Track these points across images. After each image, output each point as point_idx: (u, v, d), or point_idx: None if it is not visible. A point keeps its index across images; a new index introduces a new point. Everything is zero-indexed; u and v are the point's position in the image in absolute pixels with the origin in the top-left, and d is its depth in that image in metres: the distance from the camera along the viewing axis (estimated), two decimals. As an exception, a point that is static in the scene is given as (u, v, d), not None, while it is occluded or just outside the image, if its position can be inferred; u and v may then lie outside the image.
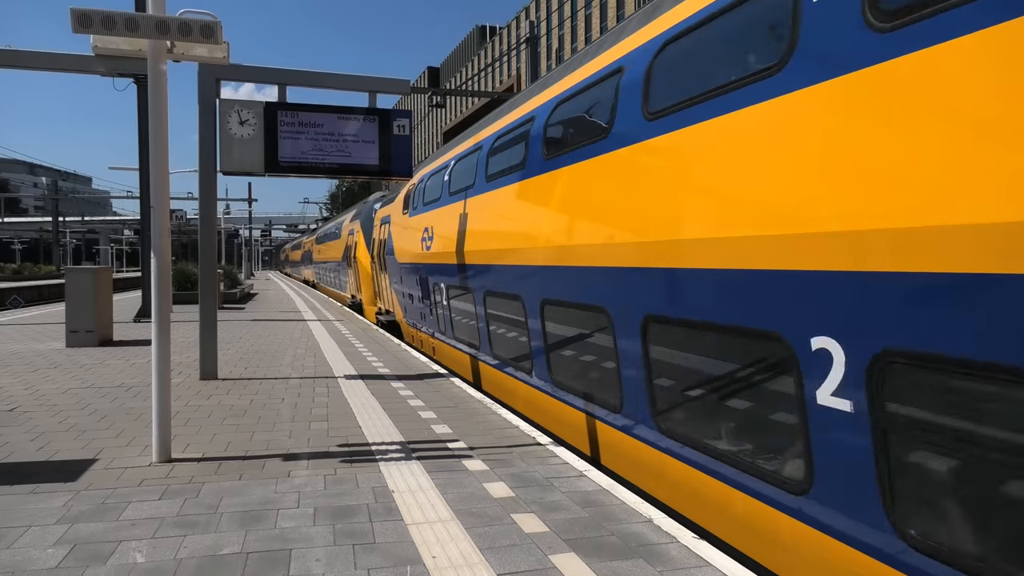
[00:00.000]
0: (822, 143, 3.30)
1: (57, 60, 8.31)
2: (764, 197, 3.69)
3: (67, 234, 77.20)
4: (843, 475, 3.21)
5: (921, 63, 2.78)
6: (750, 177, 3.81)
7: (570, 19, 65.84)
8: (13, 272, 51.21)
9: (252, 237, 68.69)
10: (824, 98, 3.29)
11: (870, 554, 3.08)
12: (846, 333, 3.11)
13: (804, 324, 3.36)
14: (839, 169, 3.18)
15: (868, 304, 2.99)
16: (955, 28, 2.64)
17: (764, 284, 3.63)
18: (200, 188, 9.13)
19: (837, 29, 3.23)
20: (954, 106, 2.66)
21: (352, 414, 6.99)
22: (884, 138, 2.95)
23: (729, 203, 3.96)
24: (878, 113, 2.98)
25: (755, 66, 3.80)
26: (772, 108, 3.60)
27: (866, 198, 3.01)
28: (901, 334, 2.85)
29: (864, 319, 3.01)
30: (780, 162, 3.56)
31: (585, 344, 6.03)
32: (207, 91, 8.79)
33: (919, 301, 2.77)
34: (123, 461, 5.30)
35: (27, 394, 7.79)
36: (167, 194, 5.50)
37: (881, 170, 2.95)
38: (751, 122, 3.77)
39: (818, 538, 3.38)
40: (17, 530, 3.92)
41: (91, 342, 12.18)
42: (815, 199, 3.31)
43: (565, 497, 4.57)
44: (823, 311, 3.24)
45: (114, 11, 4.90)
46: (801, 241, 3.39)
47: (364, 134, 8.94)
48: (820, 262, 3.26)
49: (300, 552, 3.68)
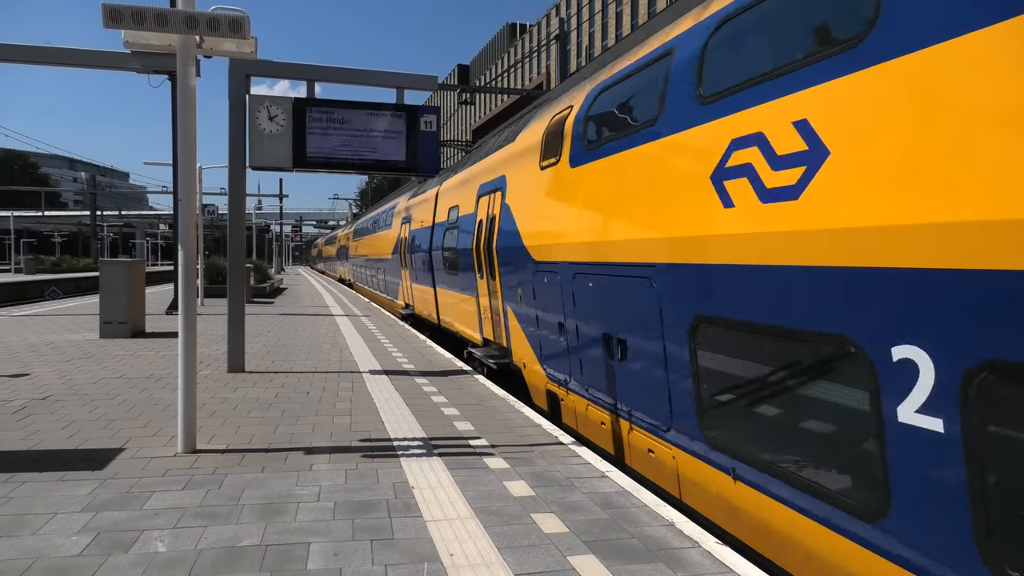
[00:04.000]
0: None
1: (96, 57, 8.46)
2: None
3: (104, 228, 78.98)
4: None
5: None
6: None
7: (600, 15, 65.45)
8: (52, 265, 52.48)
9: (283, 232, 69.57)
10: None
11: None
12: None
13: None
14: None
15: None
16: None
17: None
18: (230, 182, 9.23)
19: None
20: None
21: (375, 409, 7.00)
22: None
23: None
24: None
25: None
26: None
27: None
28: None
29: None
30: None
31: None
32: (237, 87, 8.88)
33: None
34: (149, 451, 5.37)
35: (60, 383, 7.96)
36: (195, 187, 5.56)
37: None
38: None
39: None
40: (43, 517, 3.98)
41: (124, 333, 12.42)
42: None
43: (586, 498, 4.52)
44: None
45: (144, 6, 4.96)
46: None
47: (391, 130, 8.97)
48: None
49: (318, 546, 3.68)
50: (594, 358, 6.23)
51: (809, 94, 3.51)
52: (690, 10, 5.14)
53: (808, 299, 3.44)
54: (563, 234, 6.77)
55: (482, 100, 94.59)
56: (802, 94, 3.56)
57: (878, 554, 3.10)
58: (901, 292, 2.91)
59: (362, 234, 31.05)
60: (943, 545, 2.77)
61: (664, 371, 4.91)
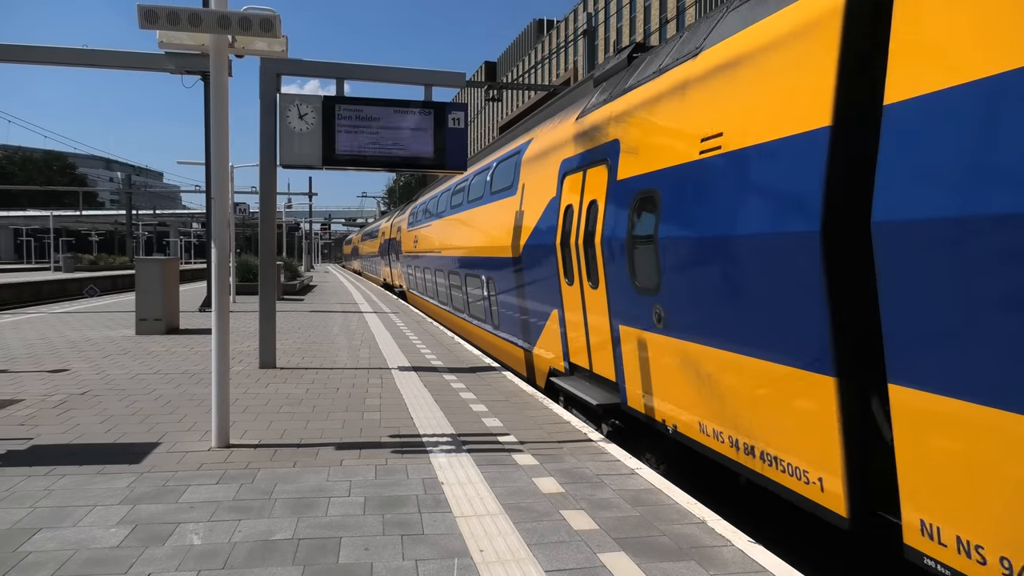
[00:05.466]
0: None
1: (132, 59, 8.64)
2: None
3: (140, 227, 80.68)
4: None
5: None
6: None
7: (628, 9, 64.97)
8: (90, 263, 53.75)
9: (312, 230, 70.38)
10: None
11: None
12: None
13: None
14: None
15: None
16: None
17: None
18: (260, 181, 9.34)
19: None
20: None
21: (404, 405, 7.04)
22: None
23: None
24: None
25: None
26: None
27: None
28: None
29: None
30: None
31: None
32: (268, 86, 8.98)
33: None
34: (184, 445, 5.47)
35: (98, 379, 8.14)
36: (228, 185, 5.64)
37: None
38: None
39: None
40: (83, 509, 4.07)
41: (159, 330, 12.67)
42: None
43: (616, 495, 4.49)
44: None
45: (178, 7, 5.04)
46: None
47: (419, 127, 9.00)
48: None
49: (349, 540, 3.71)
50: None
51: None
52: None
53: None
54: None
55: (509, 97, 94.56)
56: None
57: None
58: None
59: (435, 216, 17.54)
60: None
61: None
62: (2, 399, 6.94)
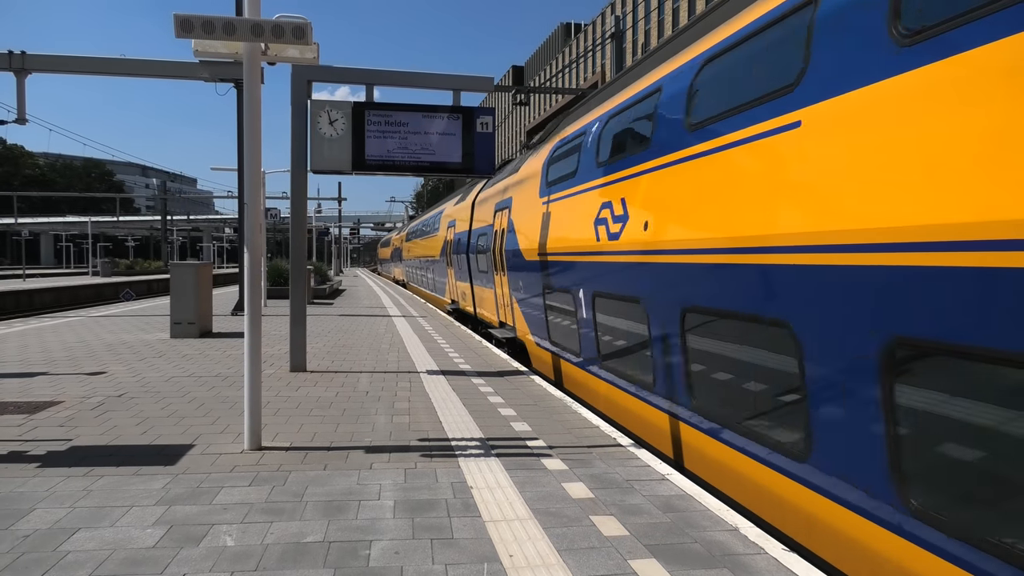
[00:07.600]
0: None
1: (168, 67, 8.85)
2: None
3: (174, 232, 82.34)
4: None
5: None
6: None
7: (656, 12, 64.63)
8: (126, 268, 55.02)
9: (341, 235, 71.11)
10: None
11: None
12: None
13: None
14: None
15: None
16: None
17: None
18: (292, 186, 9.47)
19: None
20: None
21: (433, 409, 7.06)
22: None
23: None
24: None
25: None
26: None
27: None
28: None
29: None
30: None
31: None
32: (299, 93, 9.11)
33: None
34: (218, 448, 5.55)
35: (134, 381, 8.31)
36: (260, 190, 5.72)
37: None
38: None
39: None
40: (120, 509, 4.15)
41: (193, 333, 12.90)
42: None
43: (646, 501, 4.44)
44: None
45: (213, 16, 5.13)
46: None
47: (448, 132, 9.05)
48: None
49: (380, 544, 3.72)
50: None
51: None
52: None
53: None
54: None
55: (536, 101, 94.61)
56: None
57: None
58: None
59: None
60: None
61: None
62: (43, 401, 7.11)
